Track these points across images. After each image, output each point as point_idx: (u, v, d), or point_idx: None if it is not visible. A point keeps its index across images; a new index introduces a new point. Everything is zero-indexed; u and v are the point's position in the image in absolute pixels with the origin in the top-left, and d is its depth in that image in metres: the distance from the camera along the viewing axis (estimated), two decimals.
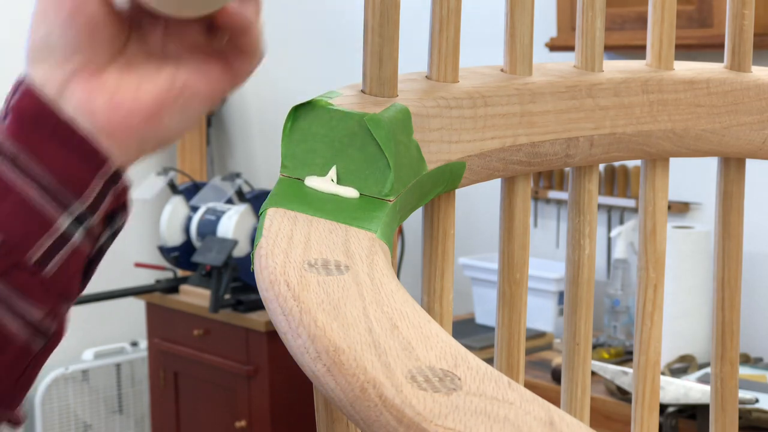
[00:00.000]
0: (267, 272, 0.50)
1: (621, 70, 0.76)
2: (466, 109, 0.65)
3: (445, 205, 0.67)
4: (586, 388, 0.78)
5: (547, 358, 2.53)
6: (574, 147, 0.72)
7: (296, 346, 0.46)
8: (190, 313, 3.15)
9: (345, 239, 0.53)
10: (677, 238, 2.41)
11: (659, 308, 0.81)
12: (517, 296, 0.73)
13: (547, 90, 0.70)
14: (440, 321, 0.68)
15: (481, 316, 2.83)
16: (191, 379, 3.22)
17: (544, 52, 2.71)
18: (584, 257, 0.77)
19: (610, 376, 2.23)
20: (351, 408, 0.42)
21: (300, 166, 0.58)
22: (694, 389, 2.10)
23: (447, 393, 0.41)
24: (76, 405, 3.58)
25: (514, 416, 0.40)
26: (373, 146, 0.58)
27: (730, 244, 0.84)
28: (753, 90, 0.81)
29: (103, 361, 3.61)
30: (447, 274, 0.68)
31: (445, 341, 0.45)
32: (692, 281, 2.42)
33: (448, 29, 0.66)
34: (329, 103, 0.59)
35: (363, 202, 0.57)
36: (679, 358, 2.39)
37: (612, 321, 2.60)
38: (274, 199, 0.57)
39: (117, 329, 3.73)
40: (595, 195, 0.78)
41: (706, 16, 2.43)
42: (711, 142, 0.80)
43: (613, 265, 2.65)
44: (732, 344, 0.85)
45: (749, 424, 2.05)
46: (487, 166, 0.67)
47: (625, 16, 2.55)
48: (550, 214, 2.92)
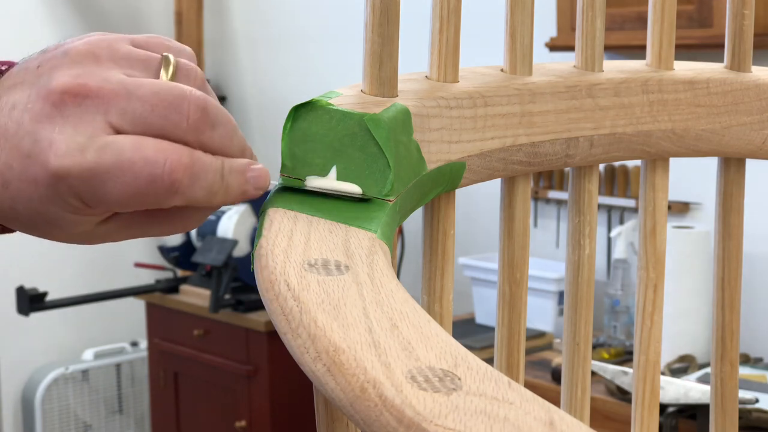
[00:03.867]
0: (267, 272, 0.50)
1: (621, 70, 0.76)
2: (466, 109, 0.65)
3: (445, 205, 0.68)
4: (586, 388, 0.78)
5: (547, 358, 2.53)
6: (574, 147, 0.72)
7: (296, 346, 0.46)
8: (190, 313, 3.15)
9: (345, 239, 0.53)
10: (677, 238, 2.41)
11: (659, 308, 0.81)
12: (517, 296, 0.73)
13: (547, 90, 0.70)
14: (440, 321, 0.68)
15: (481, 316, 2.83)
16: (191, 379, 3.22)
17: (544, 52, 2.71)
18: (584, 257, 0.77)
19: (610, 376, 2.23)
20: (351, 408, 0.42)
21: (300, 166, 0.58)
22: (694, 389, 2.10)
23: (447, 393, 0.41)
24: (76, 405, 3.58)
25: (514, 416, 0.40)
26: (373, 146, 0.58)
27: (730, 244, 0.84)
28: (753, 90, 0.81)
29: (103, 361, 3.61)
30: (447, 274, 0.68)
31: (445, 341, 0.45)
32: (692, 281, 2.42)
33: (448, 29, 0.66)
34: (329, 103, 0.59)
35: (363, 202, 0.57)
36: (679, 358, 2.39)
37: (612, 321, 2.60)
38: (274, 199, 0.57)
39: (117, 329, 3.73)
40: (595, 195, 0.78)
41: (706, 16, 2.43)
42: (711, 142, 0.80)
43: (613, 265, 2.65)
44: (732, 344, 0.85)
45: (749, 424, 2.05)
46: (487, 166, 0.67)
47: (625, 16, 2.55)
48: (550, 214, 2.92)
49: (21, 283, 3.12)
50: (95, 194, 0.51)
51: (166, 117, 0.52)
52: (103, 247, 3.69)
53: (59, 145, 0.50)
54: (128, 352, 3.67)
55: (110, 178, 0.51)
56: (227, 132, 0.54)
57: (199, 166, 0.52)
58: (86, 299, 3.20)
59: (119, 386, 3.65)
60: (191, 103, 0.52)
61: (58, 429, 3.54)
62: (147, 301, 3.31)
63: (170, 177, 0.51)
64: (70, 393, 3.56)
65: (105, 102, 0.51)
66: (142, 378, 3.65)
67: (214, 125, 0.53)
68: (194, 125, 0.52)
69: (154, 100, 0.52)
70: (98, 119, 0.51)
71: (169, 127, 0.52)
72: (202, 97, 0.53)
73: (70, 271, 3.62)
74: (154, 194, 0.51)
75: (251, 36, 3.69)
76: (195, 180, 0.52)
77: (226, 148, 0.54)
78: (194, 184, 0.52)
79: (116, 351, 3.66)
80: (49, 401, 3.52)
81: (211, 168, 0.53)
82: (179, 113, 0.52)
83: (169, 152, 0.51)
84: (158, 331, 3.30)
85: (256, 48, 3.67)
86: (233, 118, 0.56)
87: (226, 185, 0.54)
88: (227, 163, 0.54)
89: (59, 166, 0.50)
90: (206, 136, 0.53)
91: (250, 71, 3.70)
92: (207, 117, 0.53)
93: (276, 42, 3.60)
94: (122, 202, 0.52)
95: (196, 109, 0.52)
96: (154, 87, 0.52)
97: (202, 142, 0.53)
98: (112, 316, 3.69)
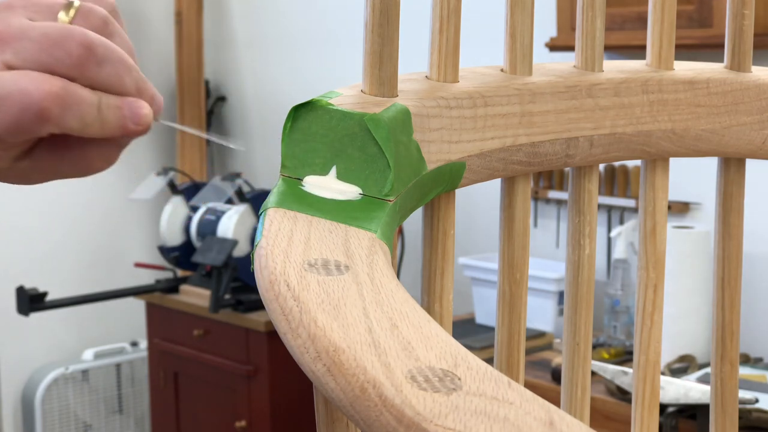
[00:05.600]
0: (267, 272, 0.50)
1: (621, 70, 0.76)
2: (466, 109, 0.65)
3: (445, 205, 0.68)
4: (586, 388, 0.78)
5: (547, 358, 2.53)
6: (574, 147, 0.72)
7: (296, 346, 0.46)
8: (190, 313, 3.15)
9: (345, 239, 0.53)
10: (677, 238, 2.41)
11: (659, 308, 0.81)
12: (517, 296, 0.73)
13: (547, 90, 0.70)
14: (440, 321, 0.68)
15: (481, 316, 2.83)
16: (191, 379, 3.22)
17: (544, 52, 2.71)
18: (584, 257, 0.77)
19: (610, 376, 2.23)
20: (351, 408, 0.42)
21: (300, 166, 0.59)
22: (694, 389, 2.10)
23: (447, 393, 0.41)
24: (76, 405, 3.58)
25: (514, 416, 0.40)
26: (373, 146, 0.58)
27: (730, 244, 0.84)
28: (753, 90, 0.81)
29: (103, 361, 3.61)
30: (447, 274, 0.68)
31: (445, 341, 0.45)
32: (692, 281, 2.42)
33: (448, 29, 0.66)
34: (329, 103, 0.59)
35: (363, 202, 0.57)
36: (679, 358, 2.39)
37: (612, 321, 2.60)
38: (274, 199, 0.57)
39: (117, 329, 3.73)
40: (595, 195, 0.78)
41: (706, 16, 2.43)
42: (711, 142, 0.80)
43: (613, 265, 2.65)
44: (732, 344, 0.85)
45: (749, 424, 2.05)
46: (487, 166, 0.67)
47: (625, 16, 2.55)
48: (550, 214, 2.92)
49: (21, 283, 3.12)
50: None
51: (51, 54, 0.57)
52: (103, 247, 3.69)
53: None
54: (128, 352, 3.66)
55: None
56: (116, 70, 0.58)
57: (72, 98, 0.57)
58: (86, 299, 3.20)
59: (119, 386, 3.65)
60: (75, 41, 0.57)
61: (58, 429, 3.54)
62: (147, 301, 3.31)
63: (39, 105, 0.55)
64: (70, 393, 3.56)
65: (3, 42, 0.57)
66: (142, 378, 3.65)
67: (100, 63, 0.57)
68: (77, 61, 0.57)
69: (42, 39, 0.57)
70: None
71: (54, 64, 0.57)
72: (88, 36, 0.57)
73: (70, 271, 3.61)
74: (29, 122, 0.56)
75: (251, 36, 3.69)
76: (66, 110, 0.56)
77: (115, 85, 0.58)
78: (65, 114, 0.56)
79: (116, 351, 3.66)
80: (49, 401, 3.52)
81: (85, 100, 0.57)
82: (63, 50, 0.57)
83: (42, 83, 0.56)
84: (158, 331, 3.30)
85: (256, 48, 3.67)
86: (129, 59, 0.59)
87: (102, 118, 0.58)
88: (105, 98, 0.58)
89: None
90: (92, 72, 0.57)
91: (250, 71, 3.70)
92: (92, 54, 0.57)
93: (276, 42, 3.60)
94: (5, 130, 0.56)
95: (78, 46, 0.57)
96: (44, 28, 0.57)
97: (88, 78, 0.57)
98: (112, 316, 3.69)
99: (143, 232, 3.77)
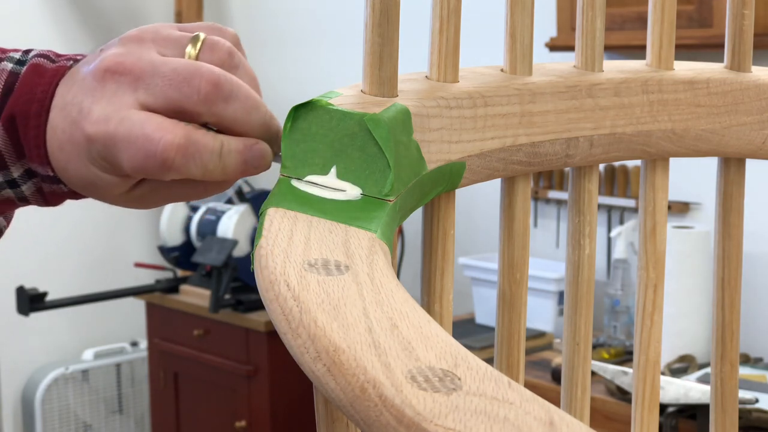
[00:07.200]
0: (267, 272, 0.50)
1: (621, 70, 0.76)
2: (466, 109, 0.65)
3: (445, 205, 0.67)
4: (586, 388, 0.78)
5: (547, 358, 2.53)
6: (574, 147, 0.72)
7: (296, 346, 0.46)
8: (190, 313, 3.15)
9: (345, 239, 0.53)
10: (677, 238, 2.41)
11: (659, 308, 0.81)
12: (517, 296, 0.72)
13: (547, 90, 0.70)
14: (440, 321, 0.68)
15: (481, 316, 2.83)
16: (191, 379, 3.22)
17: (544, 52, 2.71)
18: (584, 257, 0.77)
19: (610, 376, 2.23)
20: (351, 408, 0.42)
21: (300, 166, 0.59)
22: (694, 389, 2.10)
23: (447, 393, 0.41)
24: (76, 405, 3.58)
25: (514, 416, 0.40)
26: (373, 146, 0.58)
27: (730, 244, 0.84)
28: (753, 90, 0.81)
29: (103, 361, 3.61)
30: (447, 274, 0.68)
31: (445, 341, 0.45)
32: (692, 281, 2.42)
33: (448, 29, 0.66)
34: (329, 103, 0.59)
35: (363, 202, 0.57)
36: (679, 358, 2.39)
37: (612, 321, 2.60)
38: (274, 199, 0.57)
39: (117, 329, 3.73)
40: (595, 195, 0.78)
41: (706, 16, 2.43)
42: (711, 142, 0.80)
43: (613, 265, 2.65)
44: (732, 344, 0.85)
45: (749, 424, 2.05)
46: (487, 166, 0.67)
47: (625, 16, 2.55)
48: (550, 214, 2.92)
49: (21, 283, 3.12)
50: (114, 159, 0.58)
51: (180, 90, 0.57)
52: (103, 247, 3.69)
53: (93, 114, 0.57)
54: (128, 352, 3.66)
55: (122, 147, 0.57)
56: (243, 106, 0.59)
57: (194, 147, 0.57)
58: (86, 299, 3.20)
59: (119, 386, 3.65)
60: (203, 78, 0.57)
61: (58, 429, 3.54)
62: (147, 301, 3.31)
63: (162, 155, 0.56)
64: (70, 393, 3.56)
65: (135, 78, 0.58)
66: (142, 378, 3.65)
67: (227, 99, 0.58)
68: (205, 98, 0.57)
69: (172, 75, 0.57)
70: (128, 94, 0.57)
71: (183, 100, 0.57)
72: (215, 73, 0.58)
73: (70, 271, 3.61)
74: (152, 168, 0.57)
75: (251, 36, 3.69)
76: (189, 159, 0.57)
77: (241, 121, 0.59)
78: (188, 163, 0.57)
79: (116, 351, 3.66)
80: (49, 401, 3.52)
81: (207, 148, 0.58)
82: (192, 87, 0.57)
83: (166, 131, 0.57)
84: (158, 331, 3.30)
85: (255, 48, 3.67)
86: (256, 95, 0.60)
87: (223, 164, 0.59)
88: (226, 144, 0.59)
89: (90, 131, 0.57)
90: (219, 108, 0.58)
91: None
92: (219, 91, 0.58)
93: (276, 42, 3.60)
94: (131, 169, 0.58)
95: (206, 83, 0.57)
96: (174, 64, 0.58)
97: (215, 114, 0.58)
98: (112, 316, 3.69)
99: (143, 232, 3.77)
